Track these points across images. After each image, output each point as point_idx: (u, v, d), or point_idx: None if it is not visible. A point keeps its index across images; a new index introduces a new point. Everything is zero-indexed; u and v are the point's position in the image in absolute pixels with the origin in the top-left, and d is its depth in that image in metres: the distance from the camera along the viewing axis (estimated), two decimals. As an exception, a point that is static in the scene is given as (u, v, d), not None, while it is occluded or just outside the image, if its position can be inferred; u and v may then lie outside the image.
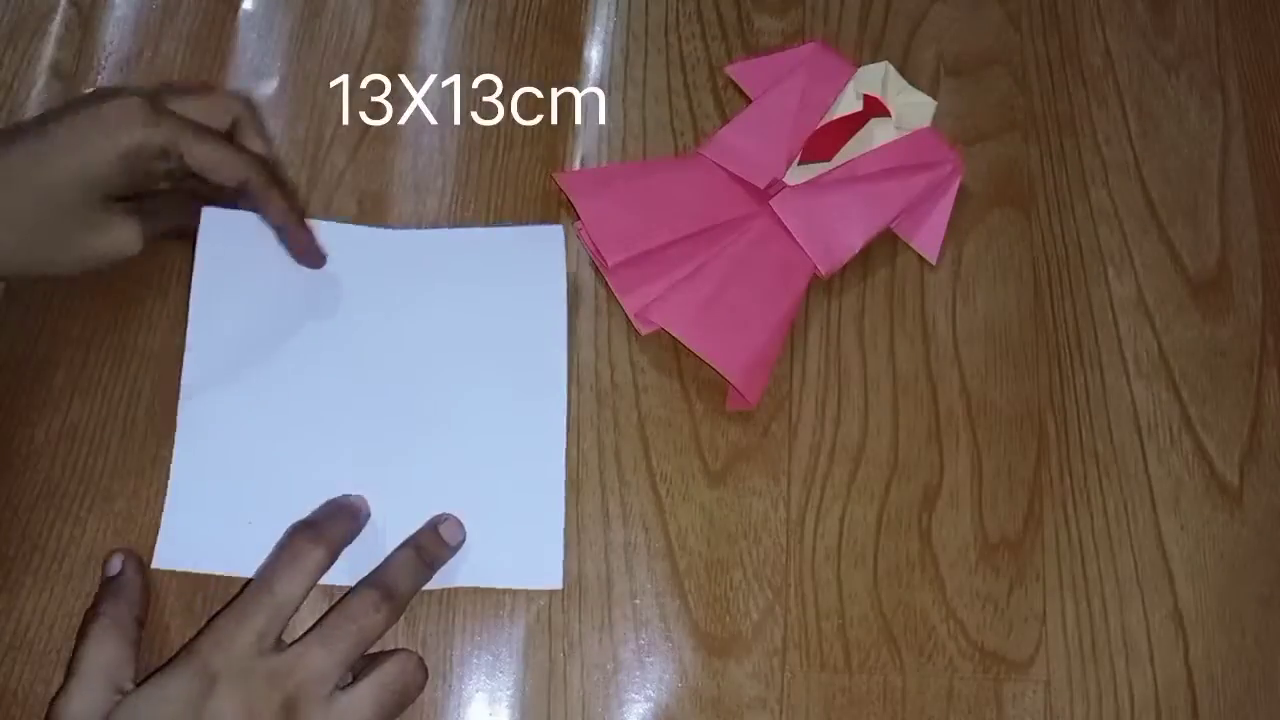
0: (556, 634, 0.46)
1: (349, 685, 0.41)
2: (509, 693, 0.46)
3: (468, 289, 0.51)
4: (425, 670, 0.43)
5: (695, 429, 0.50)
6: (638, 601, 0.47)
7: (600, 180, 0.53)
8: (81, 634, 0.42)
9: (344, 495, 0.46)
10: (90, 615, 0.43)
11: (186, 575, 0.46)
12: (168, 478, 0.47)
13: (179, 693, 0.39)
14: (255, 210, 0.48)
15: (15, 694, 0.44)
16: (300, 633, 0.41)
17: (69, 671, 0.41)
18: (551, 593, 0.47)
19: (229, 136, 0.48)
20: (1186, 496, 0.49)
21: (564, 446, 0.48)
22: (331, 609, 0.42)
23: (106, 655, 0.41)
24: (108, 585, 0.44)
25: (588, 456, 0.49)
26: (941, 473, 0.49)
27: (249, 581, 0.42)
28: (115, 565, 0.45)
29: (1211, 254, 0.54)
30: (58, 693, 0.40)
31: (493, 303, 0.51)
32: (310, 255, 0.50)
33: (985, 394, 0.51)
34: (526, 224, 0.53)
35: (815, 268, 0.51)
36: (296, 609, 0.41)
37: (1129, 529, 0.49)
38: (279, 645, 0.41)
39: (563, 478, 0.48)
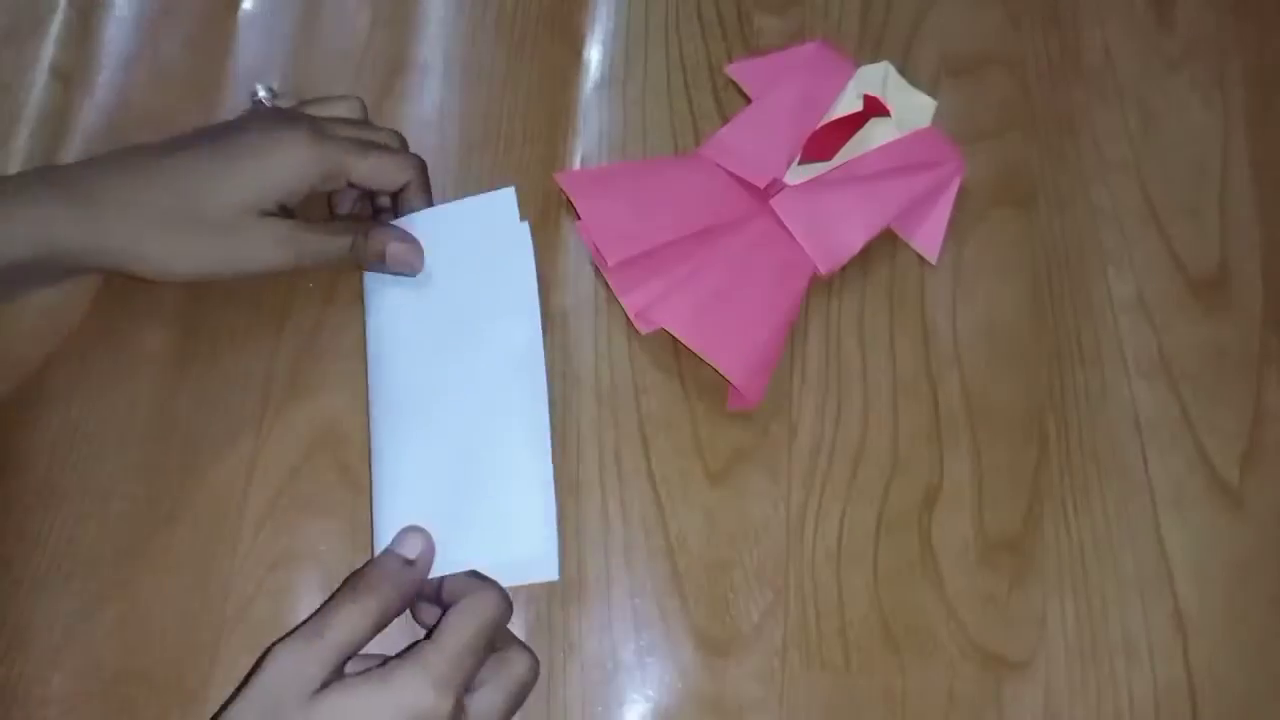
0: (556, 634, 0.46)
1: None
2: (509, 693, 0.46)
3: (433, 272, 0.49)
4: (537, 667, 0.41)
5: (695, 429, 0.50)
6: (638, 601, 0.47)
7: (600, 180, 0.53)
8: (345, 596, 0.38)
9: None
10: (364, 587, 0.39)
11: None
12: (166, 478, 0.47)
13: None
14: (400, 209, 0.49)
15: (15, 694, 0.44)
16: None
17: (309, 623, 0.38)
18: (551, 593, 0.47)
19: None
20: (1187, 496, 0.49)
21: (549, 434, 0.46)
22: (492, 659, 0.40)
23: (350, 636, 0.38)
24: (398, 569, 0.40)
25: (587, 456, 0.49)
26: (941, 473, 0.49)
27: (465, 613, 0.39)
28: (414, 549, 0.41)
29: (1211, 254, 0.54)
30: (286, 635, 0.38)
31: (461, 284, 0.49)
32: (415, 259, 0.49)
33: (985, 394, 0.51)
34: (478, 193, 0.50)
35: (815, 268, 0.51)
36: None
37: (1129, 529, 0.49)
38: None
39: (550, 470, 0.46)
